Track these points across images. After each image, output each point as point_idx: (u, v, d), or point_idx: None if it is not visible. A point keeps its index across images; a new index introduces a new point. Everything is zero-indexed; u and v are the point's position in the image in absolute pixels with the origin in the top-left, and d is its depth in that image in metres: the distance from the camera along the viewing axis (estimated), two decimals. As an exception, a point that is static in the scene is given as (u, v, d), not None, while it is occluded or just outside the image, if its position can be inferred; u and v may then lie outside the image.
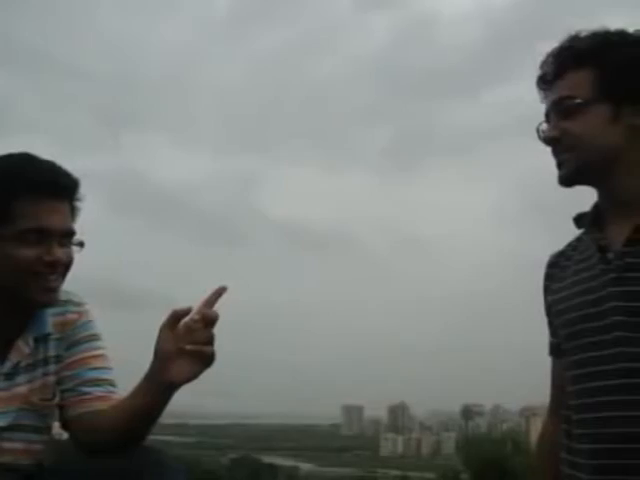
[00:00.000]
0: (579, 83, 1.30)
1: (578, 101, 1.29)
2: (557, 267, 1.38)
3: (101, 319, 1.46)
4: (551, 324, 1.38)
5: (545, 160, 1.33)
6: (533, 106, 1.34)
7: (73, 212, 1.39)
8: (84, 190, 1.40)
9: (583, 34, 1.32)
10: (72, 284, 1.40)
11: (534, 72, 1.35)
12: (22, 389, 1.36)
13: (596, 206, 1.34)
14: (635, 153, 1.28)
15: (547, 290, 1.39)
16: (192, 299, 1.29)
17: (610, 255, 1.28)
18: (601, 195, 1.33)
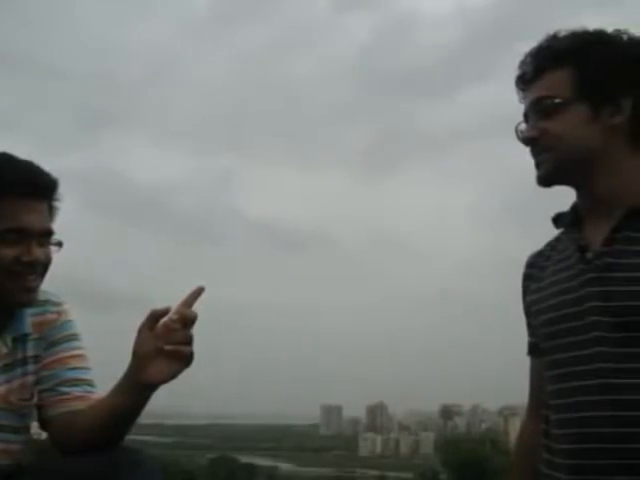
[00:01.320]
0: (558, 83, 1.31)
1: (557, 101, 1.30)
2: (536, 267, 1.39)
3: (77, 319, 1.46)
4: (530, 324, 1.38)
5: (524, 160, 1.34)
6: (512, 106, 1.35)
7: (52, 212, 1.38)
8: (62, 189, 1.39)
9: (562, 34, 1.33)
10: (50, 284, 1.40)
11: (513, 72, 1.36)
12: (0, 389, 1.36)
13: (575, 206, 1.35)
14: (614, 153, 1.29)
15: (526, 290, 1.39)
16: (169, 299, 1.29)
17: (589, 255, 1.28)
18: (580, 195, 1.33)
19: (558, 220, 1.37)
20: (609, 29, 1.32)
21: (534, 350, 1.38)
